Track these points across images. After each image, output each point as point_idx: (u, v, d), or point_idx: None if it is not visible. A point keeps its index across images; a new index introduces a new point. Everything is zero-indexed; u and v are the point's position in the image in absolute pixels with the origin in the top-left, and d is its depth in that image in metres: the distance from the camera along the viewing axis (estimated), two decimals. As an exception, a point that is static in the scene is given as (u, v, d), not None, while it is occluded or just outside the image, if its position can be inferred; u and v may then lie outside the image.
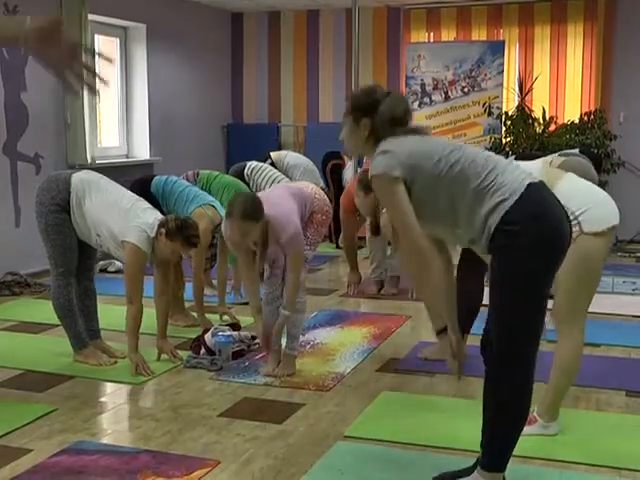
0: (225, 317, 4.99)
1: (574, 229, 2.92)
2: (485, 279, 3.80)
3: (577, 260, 2.99)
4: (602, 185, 7.88)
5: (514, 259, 2.48)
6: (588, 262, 3.06)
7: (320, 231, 4.22)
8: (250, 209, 3.69)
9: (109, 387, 3.96)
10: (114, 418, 3.58)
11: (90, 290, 4.34)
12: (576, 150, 5.79)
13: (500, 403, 2.58)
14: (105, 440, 3.25)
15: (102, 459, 3.04)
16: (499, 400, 2.57)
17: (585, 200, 3.11)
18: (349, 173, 7.65)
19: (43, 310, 5.42)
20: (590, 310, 5.19)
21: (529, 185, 2.49)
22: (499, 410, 2.58)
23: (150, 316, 5.26)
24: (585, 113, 7.89)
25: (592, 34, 8.06)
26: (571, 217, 2.91)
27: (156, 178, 5.02)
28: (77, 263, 4.19)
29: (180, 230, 4.00)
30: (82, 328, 4.23)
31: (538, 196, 2.51)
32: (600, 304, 5.50)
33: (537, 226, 2.47)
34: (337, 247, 7.85)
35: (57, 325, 4.89)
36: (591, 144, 7.59)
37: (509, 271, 2.50)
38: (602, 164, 5.07)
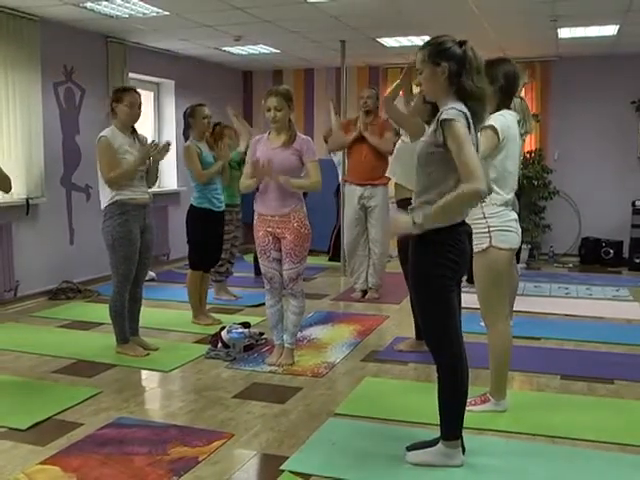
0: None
1: (484, 240, 2.99)
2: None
3: (487, 268, 3.03)
4: (541, 209, 7.95)
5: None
6: (494, 269, 3.04)
7: (305, 247, 3.91)
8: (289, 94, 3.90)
9: (144, 374, 3.95)
10: (148, 399, 3.58)
11: (138, 296, 4.29)
12: None
13: (441, 384, 2.62)
14: (141, 416, 3.25)
15: (139, 432, 3.04)
16: (440, 382, 2.62)
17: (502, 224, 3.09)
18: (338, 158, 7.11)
19: (91, 311, 5.43)
20: (531, 310, 5.30)
21: None
22: (442, 391, 2.61)
23: (181, 316, 5.27)
24: (528, 152, 7.94)
25: (532, 90, 8.12)
26: (485, 230, 3.01)
27: None
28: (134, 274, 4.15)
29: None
30: (126, 327, 4.21)
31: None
32: (539, 305, 5.57)
33: None
34: (330, 260, 7.85)
35: (102, 324, 4.90)
36: (532, 176, 7.66)
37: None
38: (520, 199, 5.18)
